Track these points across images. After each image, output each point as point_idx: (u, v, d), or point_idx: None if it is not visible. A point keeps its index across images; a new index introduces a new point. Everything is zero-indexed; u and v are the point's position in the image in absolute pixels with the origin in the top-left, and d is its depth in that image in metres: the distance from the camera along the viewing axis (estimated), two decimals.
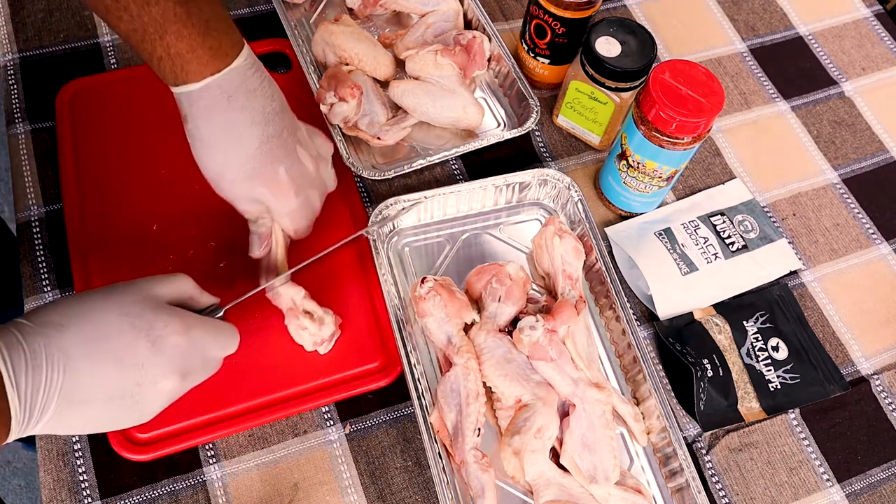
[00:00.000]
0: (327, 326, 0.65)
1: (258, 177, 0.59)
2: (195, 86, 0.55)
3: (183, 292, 0.55)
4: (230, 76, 0.55)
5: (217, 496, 0.62)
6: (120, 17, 0.53)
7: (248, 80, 0.56)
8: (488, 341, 0.64)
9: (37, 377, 0.45)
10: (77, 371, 0.47)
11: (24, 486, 1.40)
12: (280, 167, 0.59)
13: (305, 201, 0.63)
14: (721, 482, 0.66)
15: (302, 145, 0.62)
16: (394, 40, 0.83)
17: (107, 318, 0.49)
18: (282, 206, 0.61)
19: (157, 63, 0.55)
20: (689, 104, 0.66)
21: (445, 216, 0.75)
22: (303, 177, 0.62)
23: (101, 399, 0.48)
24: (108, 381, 0.48)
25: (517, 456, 0.60)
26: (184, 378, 0.52)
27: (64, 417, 0.47)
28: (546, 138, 0.82)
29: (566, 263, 0.69)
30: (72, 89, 0.77)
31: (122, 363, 0.48)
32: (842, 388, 0.71)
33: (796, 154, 0.85)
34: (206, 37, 0.54)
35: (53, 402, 0.46)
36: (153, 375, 0.50)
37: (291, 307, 0.65)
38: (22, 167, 0.74)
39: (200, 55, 0.54)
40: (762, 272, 0.76)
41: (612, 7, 0.93)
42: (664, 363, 0.71)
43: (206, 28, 0.54)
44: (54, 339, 0.47)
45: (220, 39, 0.55)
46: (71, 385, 0.47)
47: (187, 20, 0.53)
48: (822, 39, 0.93)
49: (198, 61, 0.54)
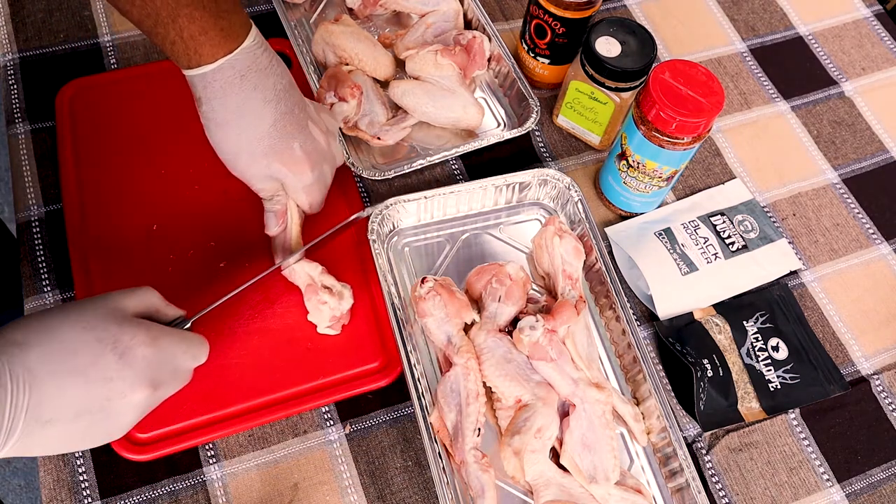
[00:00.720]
0: (346, 300, 0.65)
1: (274, 153, 0.60)
2: (208, 67, 0.56)
3: (149, 305, 0.54)
4: (241, 56, 0.56)
5: (217, 496, 0.62)
6: (133, 3, 0.54)
7: (259, 59, 0.58)
8: (488, 341, 0.64)
9: (1, 398, 0.43)
10: (43, 389, 0.45)
11: (24, 486, 1.40)
12: (294, 143, 0.60)
13: (320, 175, 0.64)
14: (721, 482, 0.66)
15: (312, 121, 0.63)
16: (394, 40, 0.83)
17: (71, 334, 0.47)
18: (298, 182, 0.62)
19: (171, 47, 0.55)
20: (689, 104, 0.66)
21: (445, 216, 0.75)
22: (317, 151, 0.63)
23: (70, 416, 0.46)
24: (76, 397, 0.46)
25: (517, 456, 0.60)
26: (154, 389, 0.50)
27: (32, 439, 0.46)
28: (546, 138, 0.82)
29: (566, 263, 0.69)
30: (72, 89, 0.77)
31: (89, 378, 0.47)
32: (842, 388, 0.71)
33: (796, 154, 0.85)
34: (217, 18, 0.54)
35: (20, 424, 0.44)
36: (122, 388, 0.48)
37: (310, 283, 0.66)
38: (22, 167, 0.74)
39: (212, 36, 0.55)
40: (762, 272, 0.76)
41: (612, 7, 0.93)
42: (664, 363, 0.71)
43: (217, 9, 0.54)
44: (17, 357, 0.45)
45: (230, 20, 0.55)
46: (37, 403, 0.45)
47: (198, 3, 0.54)
48: (822, 39, 0.93)
49: (210, 43, 0.55)
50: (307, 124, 0.62)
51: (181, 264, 0.69)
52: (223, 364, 0.65)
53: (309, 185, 0.63)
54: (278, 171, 0.61)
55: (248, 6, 0.87)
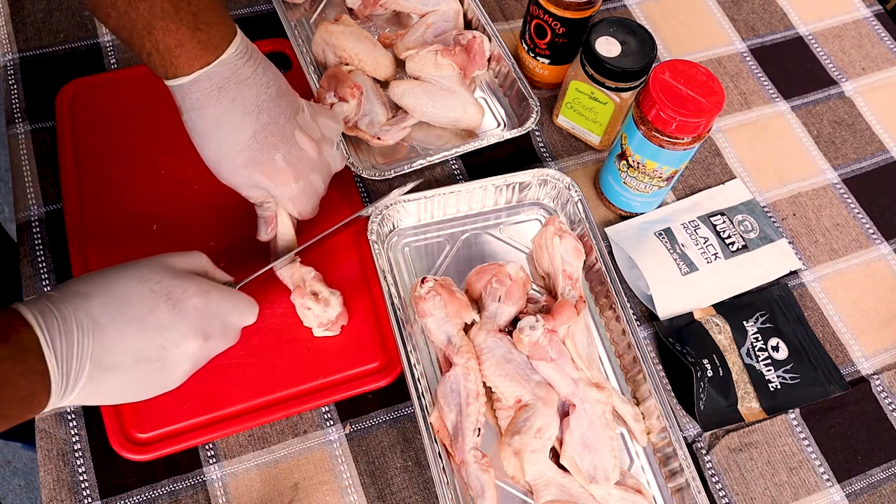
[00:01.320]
0: (332, 308, 0.65)
1: (255, 165, 0.59)
2: (185, 79, 0.55)
3: (199, 267, 0.57)
4: (220, 68, 0.56)
5: (217, 496, 0.62)
6: (108, 14, 0.54)
7: (240, 71, 0.57)
8: (488, 341, 0.64)
9: (69, 342, 0.47)
10: (105, 335, 0.49)
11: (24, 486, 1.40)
12: (277, 154, 0.60)
13: (307, 185, 0.63)
14: (721, 482, 0.66)
15: (302, 129, 0.62)
16: (394, 40, 0.83)
17: (128, 286, 0.51)
18: (282, 192, 0.62)
19: (147, 57, 0.55)
20: (689, 104, 0.66)
21: (446, 216, 0.75)
22: (302, 162, 0.62)
23: (129, 363, 0.50)
24: (135, 344, 0.50)
25: (517, 456, 0.60)
26: (206, 340, 0.53)
27: (96, 383, 0.49)
28: (546, 138, 0.82)
29: (566, 263, 0.69)
30: (72, 89, 0.77)
31: (146, 326, 0.50)
32: (842, 388, 0.71)
33: (796, 154, 0.85)
34: (195, 31, 0.54)
35: (86, 368, 0.48)
36: (175, 338, 0.51)
37: (299, 286, 0.66)
38: (22, 167, 0.74)
39: (189, 49, 0.54)
40: (762, 272, 0.76)
41: (612, 7, 0.93)
42: (664, 363, 0.71)
43: (195, 22, 0.54)
44: (81, 306, 0.48)
45: (210, 32, 0.55)
46: (100, 349, 0.48)
47: (175, 15, 0.53)
48: (822, 39, 0.93)
49: (186, 55, 0.54)
50: (293, 134, 0.61)
51: None
52: (223, 364, 0.65)
53: (295, 196, 0.63)
54: (261, 181, 0.61)
55: (248, 6, 0.87)
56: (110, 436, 0.61)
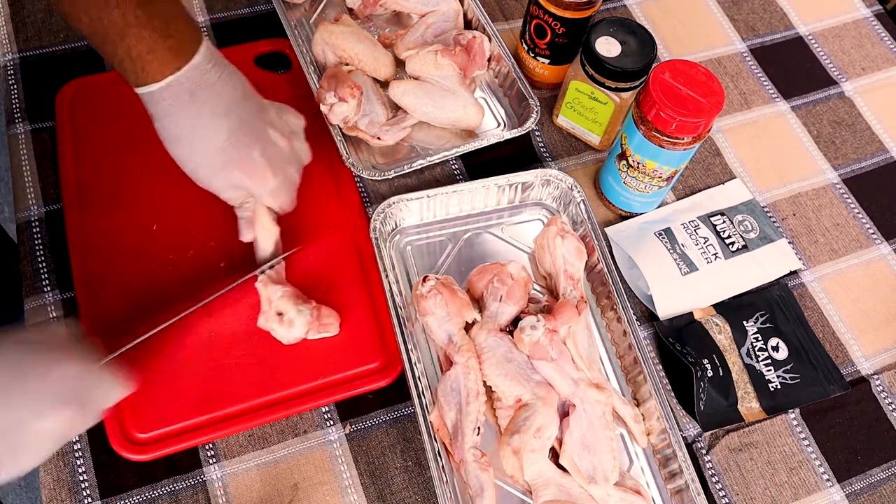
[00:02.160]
0: (297, 329, 0.65)
1: (233, 164, 0.60)
2: (157, 85, 0.56)
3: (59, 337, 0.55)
4: (190, 73, 0.56)
5: (217, 496, 0.62)
6: (80, 19, 0.54)
7: (208, 75, 0.57)
8: (489, 340, 0.64)
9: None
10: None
11: (24, 486, 1.40)
12: (253, 151, 0.60)
13: (284, 178, 0.64)
14: (721, 482, 0.66)
15: (272, 126, 0.63)
16: (394, 40, 0.83)
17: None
18: (262, 188, 0.63)
19: (119, 64, 0.55)
20: (689, 104, 0.66)
21: (448, 215, 0.75)
22: (278, 156, 0.63)
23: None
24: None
25: (516, 455, 0.60)
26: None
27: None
28: (546, 138, 0.82)
29: (568, 264, 0.69)
30: (72, 89, 0.77)
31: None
32: (842, 388, 0.71)
33: (796, 154, 0.85)
34: (166, 37, 0.54)
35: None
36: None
37: (265, 309, 0.65)
38: (22, 167, 0.74)
39: (160, 55, 0.55)
40: (762, 272, 0.76)
41: (612, 7, 0.93)
42: (664, 363, 0.71)
43: (166, 28, 0.54)
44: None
45: (180, 38, 0.55)
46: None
47: (147, 22, 0.53)
48: (822, 39, 0.93)
49: (158, 61, 0.55)
50: (266, 130, 0.62)
51: (181, 264, 0.69)
52: (223, 364, 0.65)
53: (274, 190, 0.63)
54: (240, 180, 0.61)
55: (248, 6, 0.87)
56: (110, 436, 0.61)
